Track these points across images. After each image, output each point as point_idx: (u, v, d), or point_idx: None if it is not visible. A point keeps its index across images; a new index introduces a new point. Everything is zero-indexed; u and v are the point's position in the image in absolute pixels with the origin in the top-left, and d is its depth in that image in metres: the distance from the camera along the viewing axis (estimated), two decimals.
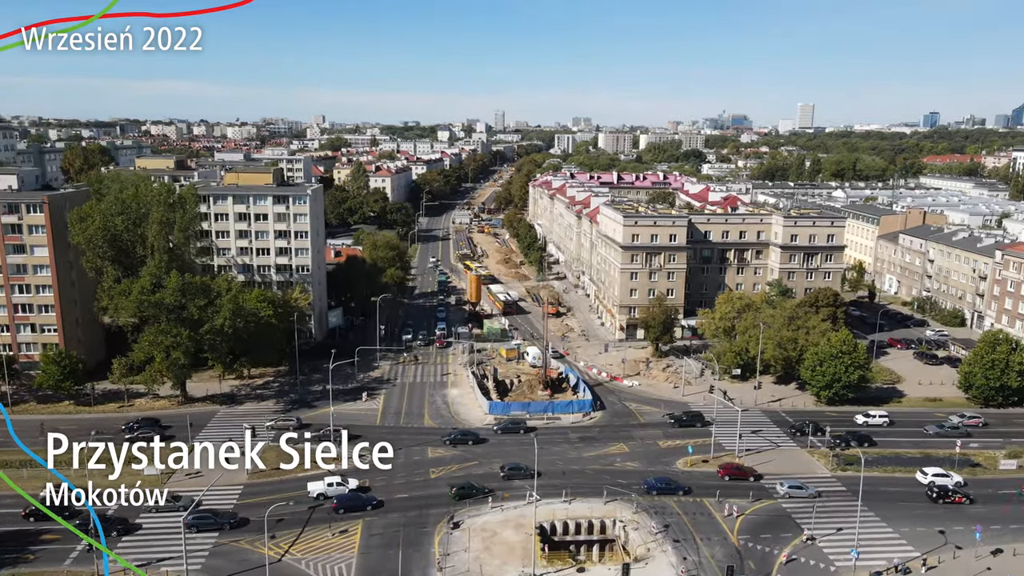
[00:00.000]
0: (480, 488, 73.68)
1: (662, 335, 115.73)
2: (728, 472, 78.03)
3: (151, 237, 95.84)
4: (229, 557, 63.20)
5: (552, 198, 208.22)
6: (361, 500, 72.03)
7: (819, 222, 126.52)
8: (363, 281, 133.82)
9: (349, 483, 74.05)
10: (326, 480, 73.18)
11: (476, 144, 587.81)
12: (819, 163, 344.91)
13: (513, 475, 76.54)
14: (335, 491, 72.73)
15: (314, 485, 73.31)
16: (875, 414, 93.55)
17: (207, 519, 67.74)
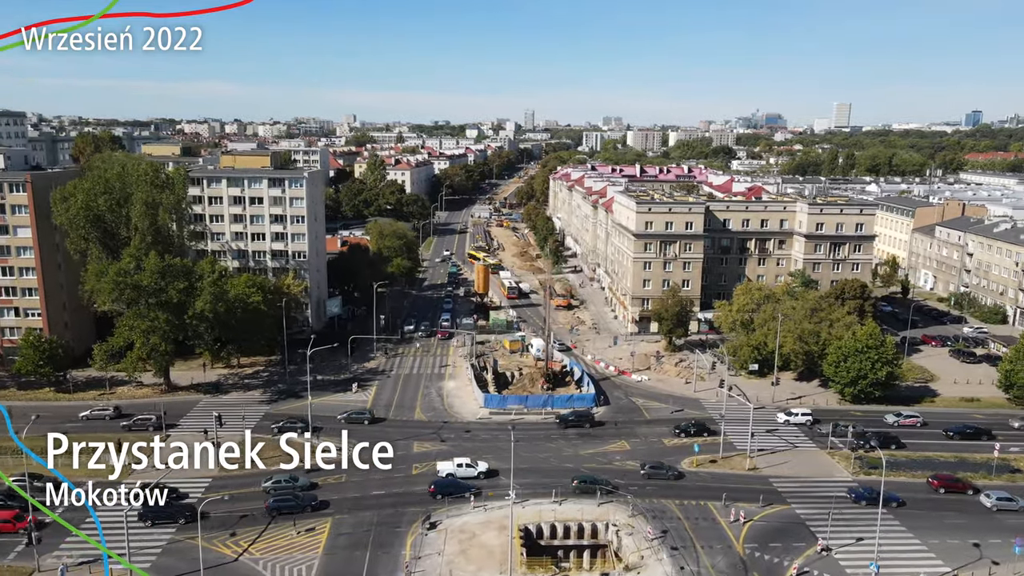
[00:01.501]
0: (603, 481, 67.76)
1: (676, 328, 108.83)
2: (944, 484, 70.01)
3: (135, 218, 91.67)
4: (182, 555, 58.13)
5: (570, 190, 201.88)
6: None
7: (847, 210, 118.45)
8: (367, 270, 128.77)
9: (479, 465, 71.42)
10: (455, 460, 71.46)
11: (503, 141, 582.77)
12: (853, 158, 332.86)
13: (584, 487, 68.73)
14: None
15: (443, 464, 71.47)
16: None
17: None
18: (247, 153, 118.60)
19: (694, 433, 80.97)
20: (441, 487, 67.81)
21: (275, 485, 68.05)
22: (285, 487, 67.92)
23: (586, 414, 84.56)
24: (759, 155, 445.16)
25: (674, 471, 71.68)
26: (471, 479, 70.00)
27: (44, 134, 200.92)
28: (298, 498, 65.94)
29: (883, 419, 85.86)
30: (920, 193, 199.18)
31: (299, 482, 68.08)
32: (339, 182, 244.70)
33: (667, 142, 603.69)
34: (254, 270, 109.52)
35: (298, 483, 68.06)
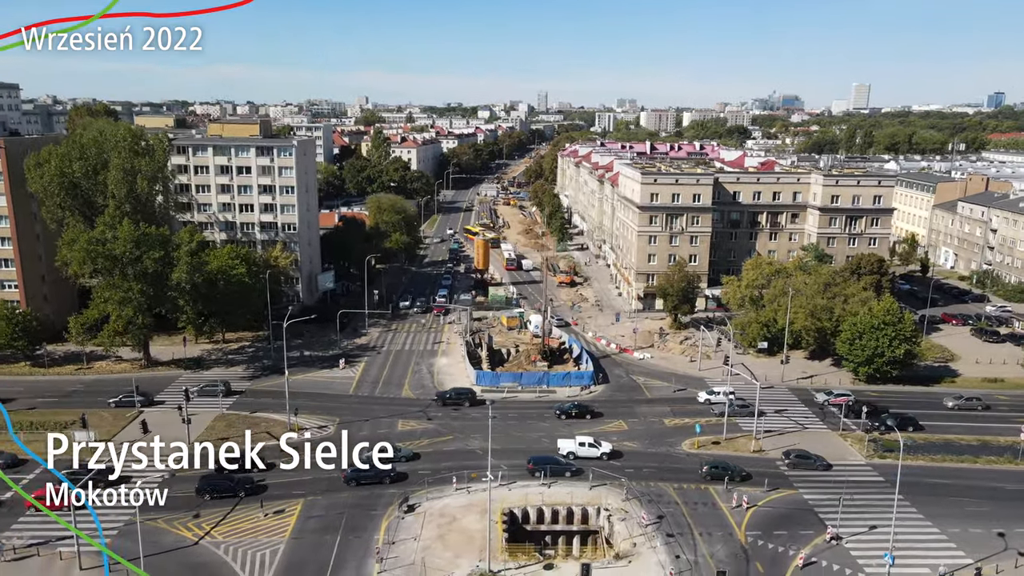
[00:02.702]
0: (736, 469, 63.08)
1: (681, 304, 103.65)
2: None
3: (111, 185, 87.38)
4: (141, 537, 54.00)
5: (578, 166, 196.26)
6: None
7: (864, 181, 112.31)
8: (363, 245, 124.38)
9: (602, 445, 67.10)
10: (577, 439, 67.62)
11: (515, 122, 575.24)
12: (871, 136, 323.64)
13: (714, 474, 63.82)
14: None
15: (564, 443, 67.43)
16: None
17: None
18: (235, 121, 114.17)
19: (576, 415, 75.81)
20: (540, 463, 63.21)
21: (380, 454, 64.05)
22: (387, 458, 63.93)
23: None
24: (775, 135, 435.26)
25: (822, 461, 65.49)
26: (593, 459, 65.32)
27: (39, 107, 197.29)
28: (378, 471, 61.30)
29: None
30: (941, 169, 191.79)
31: (401, 452, 64.78)
32: (344, 159, 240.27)
33: (681, 123, 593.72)
34: (243, 242, 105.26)
35: (400, 453, 64.49)
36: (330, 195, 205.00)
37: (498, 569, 50.46)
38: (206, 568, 50.63)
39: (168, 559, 51.17)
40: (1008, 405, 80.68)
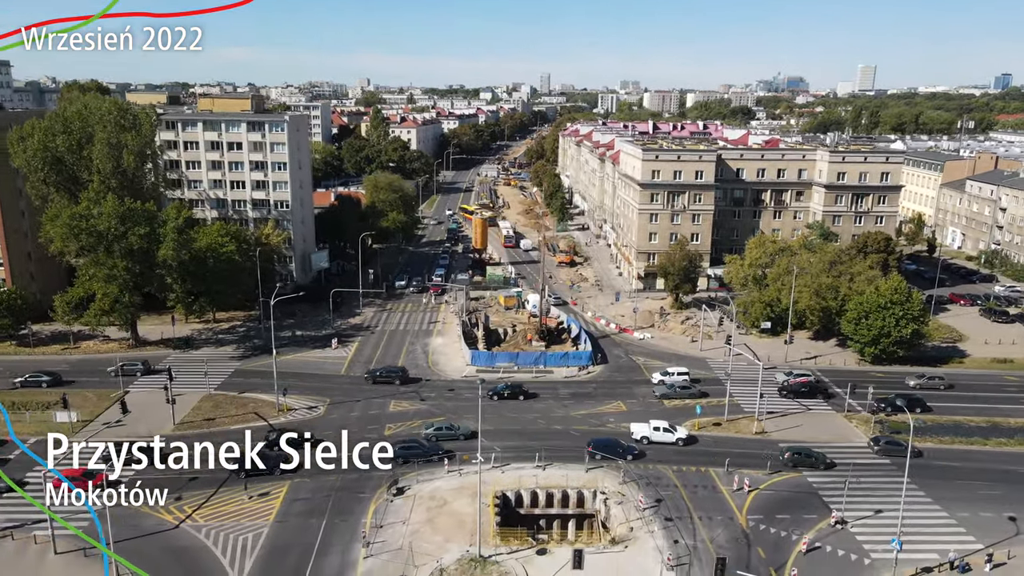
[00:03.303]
0: (820, 456, 60.43)
1: (683, 284, 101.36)
2: None
3: (96, 159, 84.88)
4: (119, 521, 51.85)
5: (579, 145, 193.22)
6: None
7: (871, 157, 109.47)
8: (358, 224, 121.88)
9: (678, 430, 64.59)
10: (651, 423, 65.26)
11: (517, 104, 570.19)
12: (878, 116, 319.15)
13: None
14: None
15: (638, 427, 65.20)
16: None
17: None
18: (226, 96, 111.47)
19: (508, 396, 73.15)
20: (600, 446, 60.79)
21: (436, 431, 63.75)
22: (445, 434, 63.87)
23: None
24: (779, 116, 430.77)
25: (915, 449, 62.20)
26: (668, 444, 63.04)
27: (31, 84, 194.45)
28: (425, 448, 60.44)
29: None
30: (949, 148, 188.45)
31: (460, 430, 64.16)
32: (342, 139, 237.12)
33: (685, 104, 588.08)
34: (234, 220, 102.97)
35: (459, 430, 64.07)
36: (328, 175, 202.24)
37: (489, 554, 48.51)
38: (186, 553, 48.73)
39: (146, 543, 49.27)
40: (1017, 386, 78.50)
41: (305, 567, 47.42)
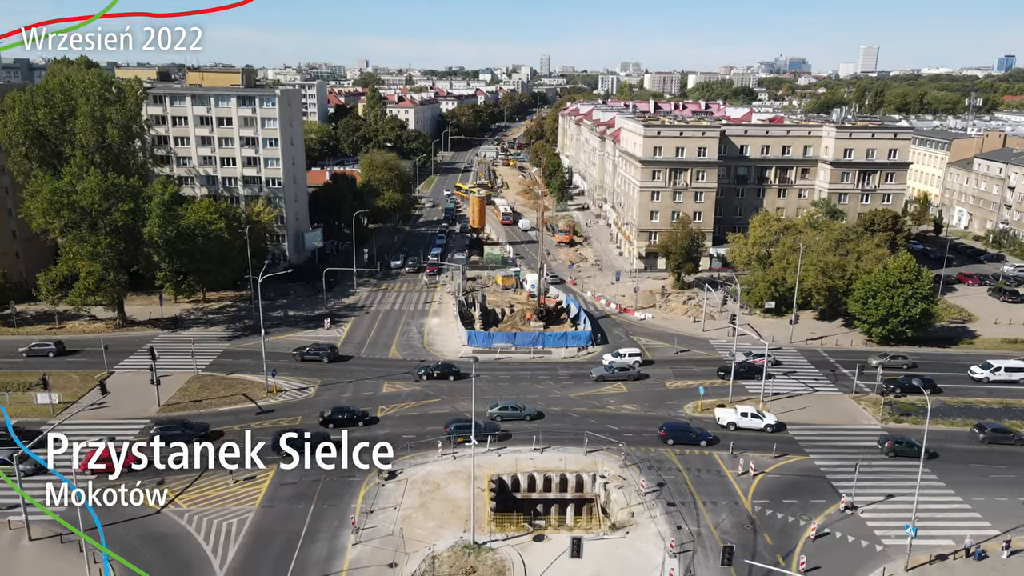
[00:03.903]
0: (917, 444, 56.18)
1: (685, 263, 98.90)
2: None
3: (79, 133, 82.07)
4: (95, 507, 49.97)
5: (579, 124, 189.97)
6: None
7: (879, 133, 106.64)
8: (353, 203, 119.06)
9: (766, 416, 61.58)
10: (739, 408, 62.34)
11: (516, 85, 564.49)
12: (882, 95, 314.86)
13: None
14: None
15: (723, 412, 62.37)
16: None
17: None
18: (215, 70, 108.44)
19: (437, 376, 71.09)
20: (672, 431, 58.80)
21: (501, 411, 62.66)
22: (511, 414, 62.47)
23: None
24: (781, 97, 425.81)
25: (1019, 436, 60.28)
26: (755, 431, 60.43)
27: (20, 60, 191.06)
28: (479, 427, 58.09)
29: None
30: (956, 126, 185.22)
31: (526, 410, 62.85)
32: (339, 119, 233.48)
33: (686, 86, 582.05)
34: (224, 197, 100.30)
35: (525, 411, 62.77)
36: (324, 155, 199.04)
37: (483, 540, 46.42)
38: (166, 539, 46.65)
39: (125, 529, 47.06)
40: None
41: (291, 554, 45.36)
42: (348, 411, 61.94)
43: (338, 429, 52.99)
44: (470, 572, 43.38)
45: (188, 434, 57.69)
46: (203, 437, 57.52)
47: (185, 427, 58.92)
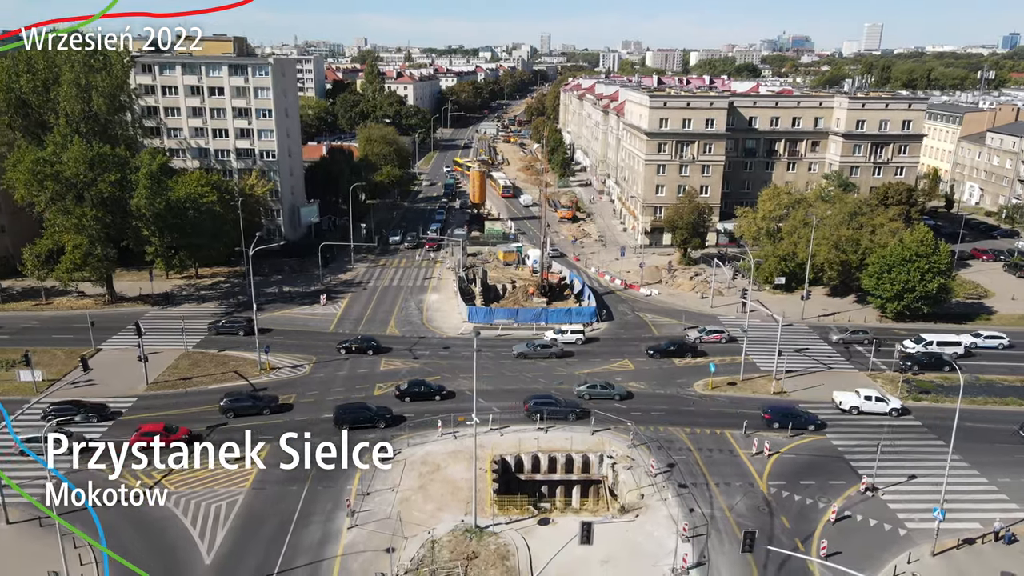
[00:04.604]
0: None
1: (691, 238, 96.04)
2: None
3: (63, 101, 78.89)
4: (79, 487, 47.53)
5: (581, 99, 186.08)
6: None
7: (893, 104, 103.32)
8: (350, 178, 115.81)
9: (891, 400, 58.73)
10: (862, 392, 59.40)
11: (516, 63, 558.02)
12: (889, 71, 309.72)
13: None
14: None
15: (843, 395, 59.62)
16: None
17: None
18: (206, 38, 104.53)
19: (356, 351, 68.50)
20: (778, 414, 55.80)
21: (590, 389, 60.06)
22: (600, 393, 59.76)
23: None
24: (785, 75, 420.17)
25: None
26: (879, 415, 57.31)
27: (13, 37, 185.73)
28: (559, 404, 56.48)
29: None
30: (968, 100, 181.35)
31: (616, 389, 60.26)
32: (336, 94, 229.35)
33: (688, 64, 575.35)
34: (217, 170, 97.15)
35: (615, 390, 60.18)
36: (321, 131, 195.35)
37: (486, 524, 44.00)
38: (152, 523, 44.18)
39: (108, 513, 44.37)
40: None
41: (283, 539, 42.98)
42: (425, 385, 59.69)
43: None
44: (471, 558, 40.99)
45: (259, 405, 56.81)
46: (273, 409, 56.76)
47: (255, 399, 57.56)
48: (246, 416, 55.81)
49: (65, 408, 55.45)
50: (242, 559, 41.50)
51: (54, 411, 55.03)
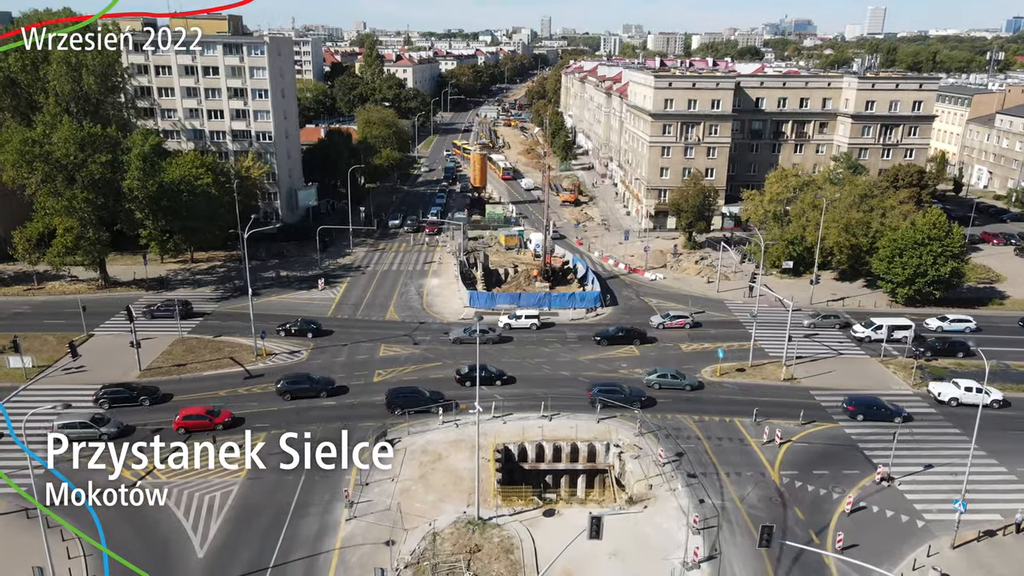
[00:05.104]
0: None
1: (696, 222, 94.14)
2: None
3: (52, 80, 76.78)
4: (69, 477, 45.89)
5: (583, 82, 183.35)
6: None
7: (904, 84, 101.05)
8: (349, 161, 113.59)
9: (992, 392, 55.42)
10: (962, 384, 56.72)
11: (516, 46, 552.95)
12: (894, 53, 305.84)
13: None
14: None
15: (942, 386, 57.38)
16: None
17: None
18: (199, 16, 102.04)
19: (296, 333, 67.08)
20: (862, 406, 53.77)
21: (660, 379, 58.12)
22: (670, 383, 57.86)
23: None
24: (788, 58, 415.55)
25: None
26: (978, 407, 53.72)
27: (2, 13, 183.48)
28: (624, 393, 54.80)
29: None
30: (976, 82, 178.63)
31: (686, 379, 58.18)
32: (334, 77, 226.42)
33: (690, 47, 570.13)
34: (212, 152, 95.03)
35: (685, 380, 58.16)
36: (319, 114, 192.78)
37: (489, 516, 42.45)
38: (141, 515, 42.48)
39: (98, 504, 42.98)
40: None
41: (278, 531, 41.45)
42: (485, 370, 57.89)
43: None
44: (474, 551, 39.46)
45: (316, 387, 55.98)
46: (331, 392, 55.88)
47: (312, 381, 56.63)
48: (303, 398, 55.23)
49: (118, 391, 54.64)
50: (236, 552, 39.99)
51: (106, 394, 54.18)
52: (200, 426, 50.86)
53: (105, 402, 53.65)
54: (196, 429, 50.50)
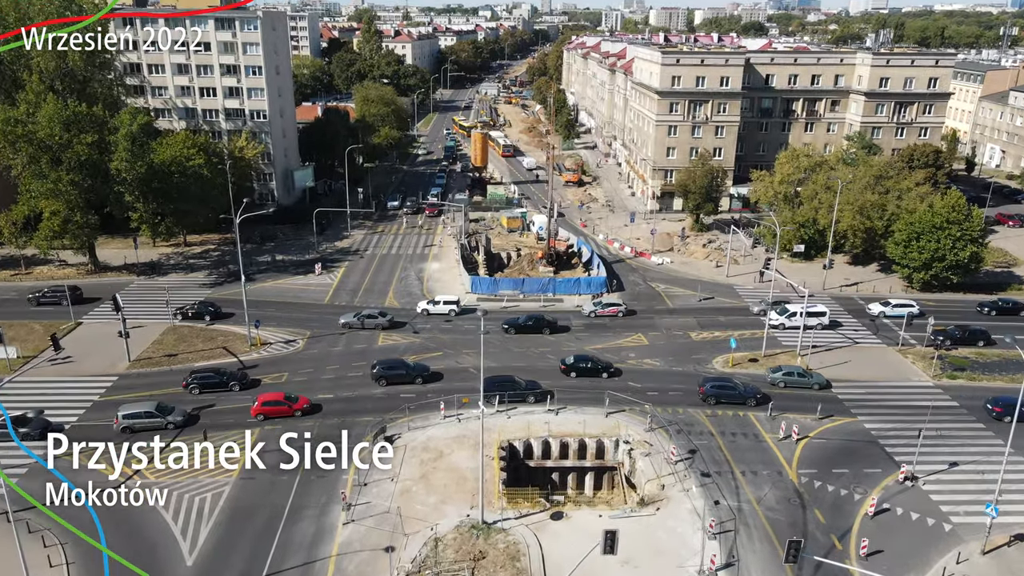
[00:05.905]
0: None
1: (704, 204, 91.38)
2: None
3: (36, 57, 73.53)
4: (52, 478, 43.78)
5: (585, 58, 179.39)
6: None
7: (919, 60, 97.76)
8: (347, 140, 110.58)
9: None
10: None
11: (517, 21, 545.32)
12: (902, 28, 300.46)
13: None
14: None
15: None
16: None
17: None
18: None
19: (211, 317, 65.01)
20: (1009, 406, 49.75)
21: (785, 376, 55.18)
22: (796, 381, 55.00)
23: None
24: (793, 33, 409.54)
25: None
26: None
27: None
28: (738, 391, 52.95)
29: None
30: (989, 58, 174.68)
31: (814, 378, 55.06)
32: (332, 53, 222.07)
33: (693, 22, 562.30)
34: (204, 131, 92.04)
35: (814, 379, 55.11)
36: (317, 92, 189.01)
37: (493, 519, 40.30)
38: (129, 517, 40.42)
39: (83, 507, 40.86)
40: None
41: (272, 536, 39.34)
42: (591, 361, 55.99)
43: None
44: (479, 558, 37.38)
45: (412, 374, 54.59)
46: (426, 379, 54.80)
47: (407, 367, 55.29)
48: (399, 384, 53.93)
49: (208, 377, 53.52)
50: (227, 559, 37.90)
51: (196, 380, 53.03)
52: (279, 412, 49.53)
53: (196, 387, 52.62)
54: (274, 415, 49.25)
